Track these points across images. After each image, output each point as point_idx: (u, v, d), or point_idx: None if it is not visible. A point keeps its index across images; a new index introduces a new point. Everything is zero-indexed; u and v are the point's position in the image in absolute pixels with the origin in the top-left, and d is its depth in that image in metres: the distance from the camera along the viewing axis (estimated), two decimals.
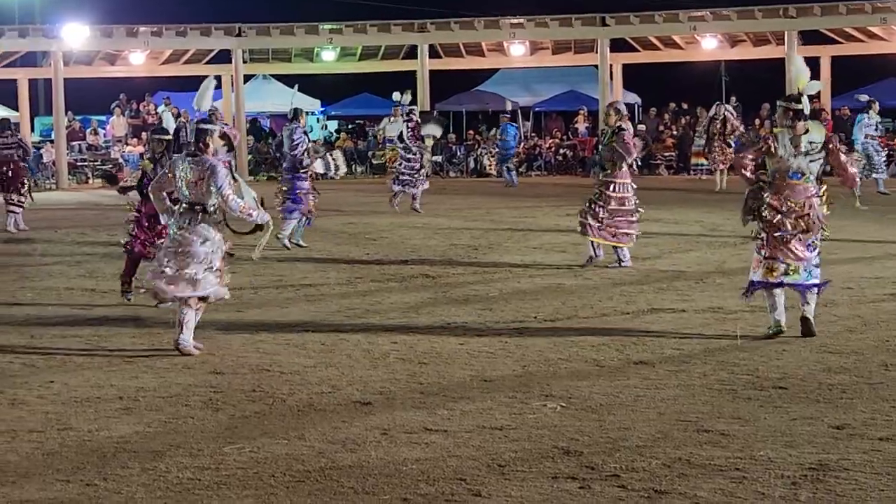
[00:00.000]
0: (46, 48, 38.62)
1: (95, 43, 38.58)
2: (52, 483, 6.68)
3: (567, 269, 14.81)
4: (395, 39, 39.43)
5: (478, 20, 38.43)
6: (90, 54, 40.26)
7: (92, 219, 24.49)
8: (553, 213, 23.19)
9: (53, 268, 16.40)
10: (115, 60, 41.17)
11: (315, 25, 38.98)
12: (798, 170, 10.49)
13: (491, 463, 6.91)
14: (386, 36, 39.09)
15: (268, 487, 6.54)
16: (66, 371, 9.75)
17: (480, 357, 9.98)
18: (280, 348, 10.55)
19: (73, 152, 38.70)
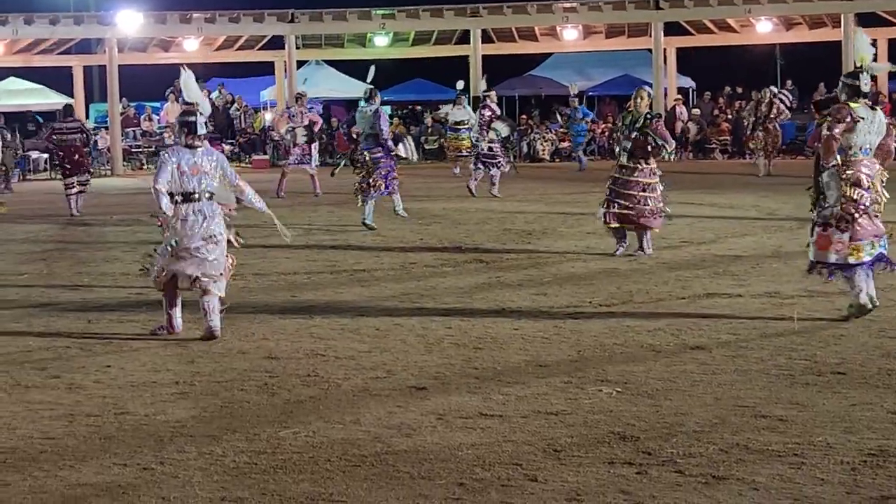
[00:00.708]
0: (101, 35, 38.86)
1: (149, 30, 38.76)
2: (110, 467, 6.71)
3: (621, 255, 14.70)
4: (448, 24, 39.36)
5: (531, 4, 38.28)
6: (144, 41, 40.46)
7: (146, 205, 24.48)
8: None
9: (109, 253, 16.50)
10: (169, 47, 41.35)
11: (368, 11, 38.98)
12: (870, 145, 10.42)
13: (547, 448, 6.88)
14: (439, 21, 39.03)
15: (324, 472, 6.54)
16: (122, 356, 9.80)
17: (535, 342, 9.94)
18: (335, 333, 10.55)
19: (128, 139, 38.95)
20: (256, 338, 10.39)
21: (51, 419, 7.80)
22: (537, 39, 41.42)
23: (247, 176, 30.98)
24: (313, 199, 24.56)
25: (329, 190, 25.62)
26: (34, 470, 6.67)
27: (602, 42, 41.22)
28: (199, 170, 10.51)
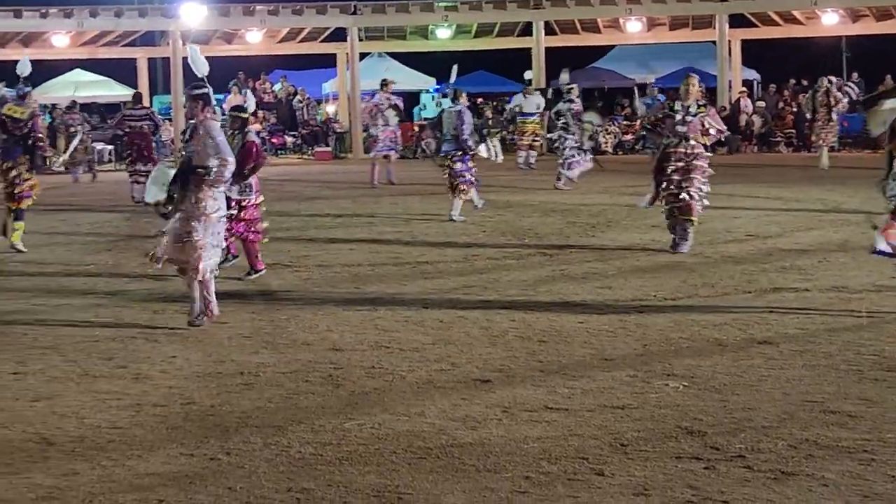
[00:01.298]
0: (165, 27, 39.10)
1: (213, 22, 38.94)
2: (177, 457, 6.74)
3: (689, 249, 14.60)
4: (511, 16, 39.27)
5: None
6: (207, 33, 40.64)
7: None
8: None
9: None
10: (232, 39, 41.54)
11: (430, 3, 38.95)
12: None
13: (613, 442, 6.85)
14: (501, 13, 38.95)
15: (389, 464, 6.53)
16: (187, 346, 9.85)
17: (600, 335, 9.89)
18: (399, 325, 10.55)
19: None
20: (321, 329, 10.40)
21: (118, 409, 7.85)
22: (600, 31, 41.23)
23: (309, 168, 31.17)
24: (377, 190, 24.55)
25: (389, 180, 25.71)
26: (102, 459, 6.71)
27: (666, 34, 40.96)
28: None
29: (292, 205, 22.02)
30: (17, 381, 8.72)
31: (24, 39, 39.28)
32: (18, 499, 6.10)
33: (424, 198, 22.17)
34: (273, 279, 13.34)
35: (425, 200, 21.54)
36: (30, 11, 36.79)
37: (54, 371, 9.01)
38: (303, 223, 19.00)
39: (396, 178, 25.94)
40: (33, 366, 9.20)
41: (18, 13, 36.54)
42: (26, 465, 6.65)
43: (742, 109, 36.93)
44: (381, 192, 24.27)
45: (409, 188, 24.78)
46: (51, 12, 37.05)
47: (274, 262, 14.43)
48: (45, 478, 6.42)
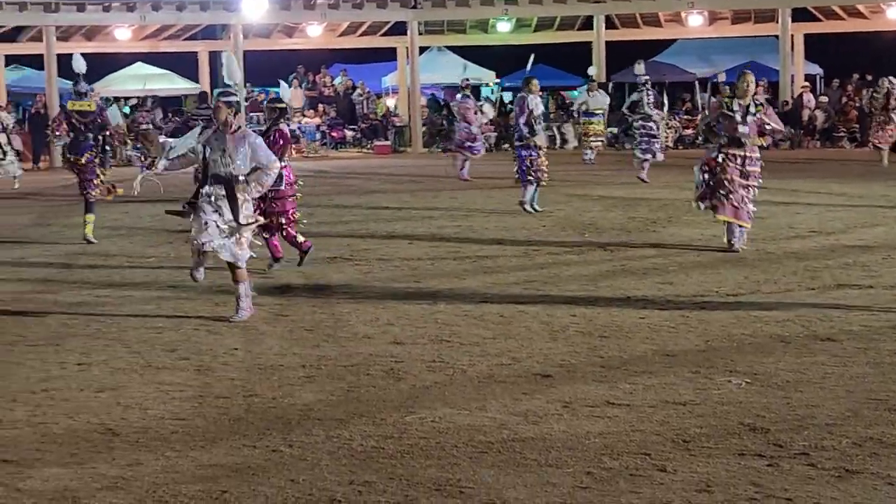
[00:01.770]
0: (226, 21, 39.32)
1: (274, 16, 39.11)
2: (239, 448, 6.78)
3: (749, 243, 14.45)
4: (571, 10, 39.21)
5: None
6: (269, 27, 40.87)
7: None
8: None
9: None
10: (293, 33, 41.73)
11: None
12: None
13: (675, 438, 6.81)
14: (562, 7, 38.89)
15: (450, 458, 6.54)
16: (249, 339, 9.90)
17: (662, 331, 9.84)
18: (459, 319, 10.55)
19: (252, 123, 39.31)
20: (381, 323, 10.42)
21: (181, 400, 7.90)
22: (661, 25, 41.08)
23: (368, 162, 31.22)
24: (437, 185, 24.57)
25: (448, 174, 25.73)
26: (166, 450, 6.76)
27: (727, 28, 40.75)
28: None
29: (352, 198, 22.10)
30: (81, 372, 8.80)
31: (88, 33, 39.67)
32: (84, 488, 6.16)
33: (484, 192, 22.18)
34: (334, 273, 13.39)
35: (485, 195, 21.55)
36: (93, 5, 37.10)
37: (118, 362, 9.09)
38: (363, 217, 19.06)
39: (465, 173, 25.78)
40: (97, 357, 9.28)
41: (82, 7, 36.86)
42: (91, 456, 6.71)
43: (805, 104, 36.66)
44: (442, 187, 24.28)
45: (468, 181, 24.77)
46: (114, 6, 37.36)
47: (334, 256, 14.50)
48: (109, 468, 6.48)
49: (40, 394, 8.17)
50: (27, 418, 7.54)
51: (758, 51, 42.22)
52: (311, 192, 23.08)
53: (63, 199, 23.66)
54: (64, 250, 15.91)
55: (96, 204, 16.65)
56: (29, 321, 10.85)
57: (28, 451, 6.83)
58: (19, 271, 14.06)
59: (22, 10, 36.44)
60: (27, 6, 36.34)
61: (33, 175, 32.81)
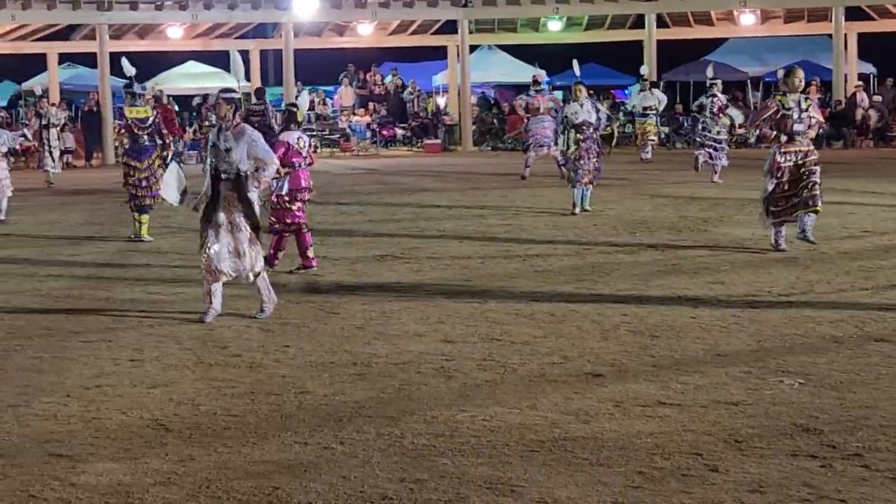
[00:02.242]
0: (277, 20, 39.46)
1: (325, 14, 39.19)
2: (291, 445, 6.81)
3: (801, 242, 14.34)
4: (623, 9, 39.08)
5: None
6: (319, 25, 40.96)
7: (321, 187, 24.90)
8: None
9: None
10: (344, 31, 41.81)
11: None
12: None
13: (727, 438, 6.78)
14: (613, 5, 38.78)
15: (502, 456, 6.54)
16: (300, 336, 9.93)
17: (713, 331, 9.80)
18: (509, 318, 10.54)
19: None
20: (432, 321, 10.44)
21: (233, 397, 7.95)
22: (713, 24, 40.88)
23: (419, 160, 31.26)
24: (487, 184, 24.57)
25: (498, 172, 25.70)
26: (218, 446, 6.80)
27: (780, 27, 40.49)
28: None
29: (402, 197, 22.13)
30: (134, 368, 8.87)
31: (140, 31, 39.92)
32: (137, 483, 6.20)
33: (535, 191, 22.15)
34: (384, 271, 13.42)
35: (535, 194, 21.52)
36: (146, 4, 37.33)
37: (171, 359, 9.15)
38: (413, 215, 19.09)
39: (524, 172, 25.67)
40: (150, 353, 9.35)
41: (135, 5, 37.09)
42: (144, 451, 6.76)
43: (858, 104, 36.37)
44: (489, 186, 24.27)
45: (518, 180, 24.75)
46: (166, 4, 37.56)
47: (385, 254, 14.53)
48: (162, 463, 6.52)
49: (94, 389, 8.24)
50: (81, 413, 7.60)
51: (811, 50, 41.90)
52: (362, 191, 23.17)
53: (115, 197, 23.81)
54: (116, 247, 16.04)
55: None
56: (82, 317, 10.94)
57: (82, 445, 6.89)
58: (72, 269, 14.17)
59: (75, 8, 36.72)
60: (80, 5, 36.61)
61: (86, 172, 33.07)
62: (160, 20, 38.62)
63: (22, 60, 42.37)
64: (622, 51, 42.23)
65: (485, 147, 39.22)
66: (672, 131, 38.14)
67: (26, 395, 8.09)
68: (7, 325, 10.68)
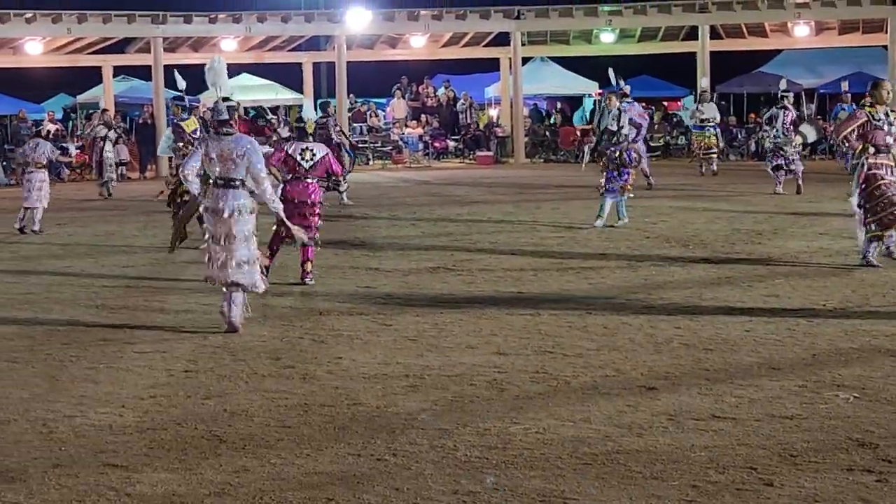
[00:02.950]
0: (330, 32, 39.62)
1: (377, 27, 39.34)
2: (344, 456, 6.82)
3: (857, 256, 14.22)
4: (676, 20, 38.99)
5: (761, 0, 37.62)
6: (372, 38, 41.10)
7: (373, 199, 25.01)
8: (840, 197, 22.42)
9: (338, 247, 16.68)
10: (396, 44, 41.93)
11: (594, 7, 38.84)
12: None
13: (782, 452, 6.74)
14: (666, 17, 38.70)
15: (555, 469, 6.53)
16: (353, 348, 9.95)
17: (767, 344, 9.74)
18: (562, 330, 10.53)
19: (355, 134, 39.61)
20: (484, 333, 10.43)
21: (286, 408, 7.97)
22: (767, 36, 40.69)
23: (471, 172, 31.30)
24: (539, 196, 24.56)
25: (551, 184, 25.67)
26: (272, 457, 6.82)
27: (835, 38, 40.24)
28: (225, 157, 10.77)
29: (455, 209, 22.15)
30: (189, 379, 8.92)
31: (194, 44, 40.20)
32: (191, 494, 6.24)
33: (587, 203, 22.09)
34: (437, 283, 13.43)
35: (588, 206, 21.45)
36: (200, 17, 37.60)
37: (224, 370, 9.19)
38: (466, 227, 19.10)
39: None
40: (204, 364, 9.40)
41: (189, 18, 37.37)
42: (198, 461, 6.79)
43: None
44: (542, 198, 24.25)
45: (571, 192, 24.73)
46: (220, 18, 37.83)
47: (437, 266, 14.54)
48: (216, 474, 6.56)
49: (148, 400, 8.29)
50: (136, 424, 7.66)
51: (866, 61, 41.59)
52: (414, 203, 23.21)
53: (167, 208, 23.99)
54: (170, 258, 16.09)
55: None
56: (137, 328, 11.01)
57: (137, 456, 6.93)
58: (127, 279, 14.27)
59: (130, 21, 37.04)
60: (135, 18, 36.93)
61: (139, 185, 33.29)
62: (214, 33, 38.88)
63: (77, 73, 42.78)
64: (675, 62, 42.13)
65: (537, 159, 39.21)
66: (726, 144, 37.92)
67: (82, 406, 8.15)
68: (63, 335, 10.77)
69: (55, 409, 8.09)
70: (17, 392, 8.62)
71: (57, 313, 12.01)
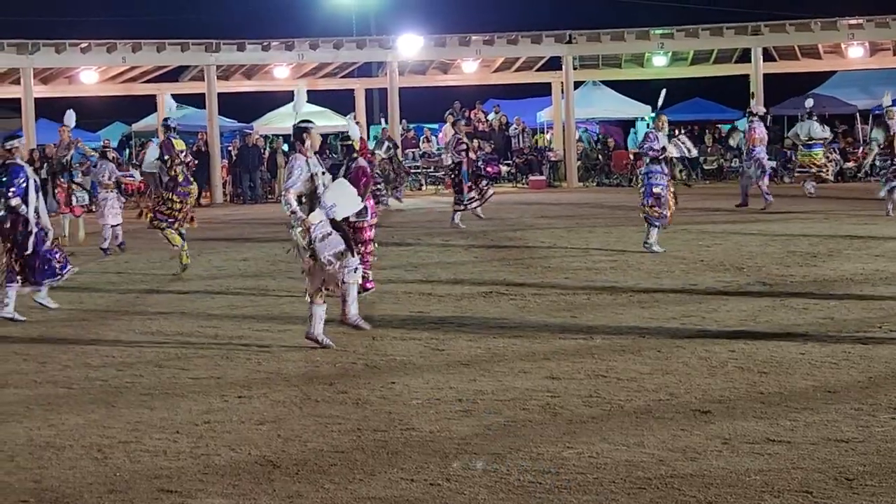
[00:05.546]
0: (382, 59, 39.80)
1: (429, 52, 39.47)
2: (397, 481, 6.82)
3: None
4: (728, 43, 38.87)
5: (814, 21, 37.45)
6: (424, 63, 41.22)
7: (426, 225, 25.05)
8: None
9: (391, 272, 16.69)
10: (448, 69, 42.01)
11: (646, 31, 38.78)
12: None
13: (838, 476, 6.68)
14: (718, 40, 38.59)
15: (608, 493, 6.50)
16: (406, 373, 9.96)
17: (823, 367, 9.66)
18: (615, 354, 10.49)
19: (407, 160, 39.70)
20: (537, 357, 10.41)
21: (339, 433, 7.99)
22: (821, 57, 40.47)
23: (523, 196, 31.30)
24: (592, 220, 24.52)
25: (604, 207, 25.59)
26: (326, 482, 6.84)
27: (889, 59, 39.95)
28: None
29: (507, 233, 22.15)
30: (242, 405, 8.95)
31: (247, 72, 40.46)
32: None
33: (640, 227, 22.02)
34: (489, 307, 13.42)
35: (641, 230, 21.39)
36: (253, 45, 37.87)
37: (278, 395, 9.23)
38: (519, 252, 19.09)
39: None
40: (258, 390, 9.44)
41: (242, 46, 37.65)
42: (252, 487, 6.82)
43: None
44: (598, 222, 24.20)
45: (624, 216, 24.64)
46: (273, 45, 38.06)
47: (490, 290, 14.53)
48: (270, 499, 6.58)
49: (203, 426, 8.33)
50: (190, 450, 7.69)
51: None
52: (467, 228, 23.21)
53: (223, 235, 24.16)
54: (224, 284, 16.21)
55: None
56: (191, 354, 11.08)
57: (191, 481, 6.96)
58: (181, 305, 14.35)
59: (184, 50, 37.36)
60: (189, 46, 37.25)
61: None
62: (267, 60, 39.12)
63: (132, 102, 43.17)
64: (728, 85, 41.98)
65: (590, 183, 39.15)
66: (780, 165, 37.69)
67: (137, 432, 8.20)
68: (118, 362, 10.85)
69: (110, 434, 8.15)
70: (73, 418, 8.69)
71: (112, 340, 12.09)
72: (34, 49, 35.59)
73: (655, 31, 38.84)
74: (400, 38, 38.88)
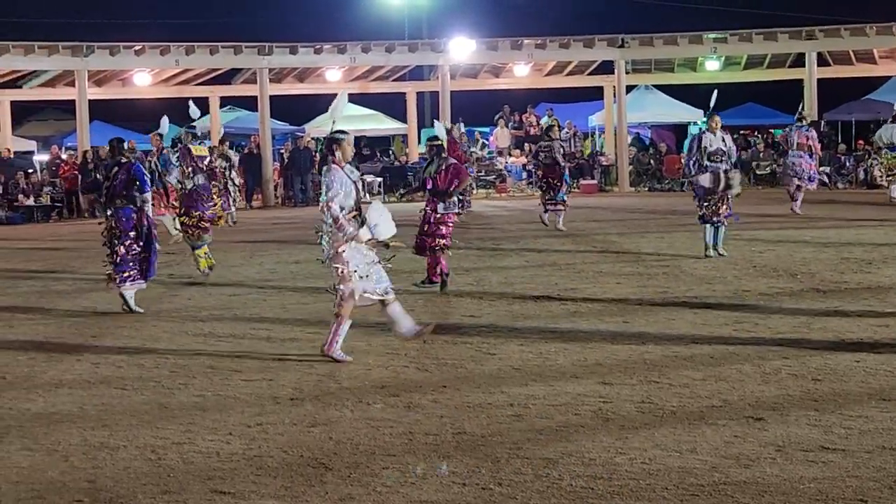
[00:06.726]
0: (434, 62, 39.88)
1: (481, 56, 39.52)
2: (449, 486, 6.82)
3: None
4: (782, 48, 38.68)
5: (869, 26, 37.21)
6: (476, 67, 41.27)
7: (477, 228, 25.05)
8: None
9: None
10: (500, 73, 42.06)
11: (699, 35, 38.67)
12: None
13: (893, 485, 6.62)
14: (772, 44, 38.40)
15: (661, 500, 6.47)
16: (457, 377, 9.95)
17: (878, 375, 9.58)
18: (667, 360, 10.44)
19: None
20: (589, 362, 10.38)
21: (391, 436, 8.00)
22: (875, 62, 40.20)
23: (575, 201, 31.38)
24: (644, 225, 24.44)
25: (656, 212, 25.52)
26: (377, 485, 6.85)
27: None
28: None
29: (559, 238, 22.11)
30: (294, 407, 8.98)
31: (299, 75, 40.66)
32: None
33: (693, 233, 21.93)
34: (541, 312, 13.40)
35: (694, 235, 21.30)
36: (305, 48, 38.05)
37: (329, 398, 9.25)
38: (570, 256, 19.04)
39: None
40: (310, 392, 9.47)
41: (294, 49, 37.83)
42: (304, 489, 6.83)
43: None
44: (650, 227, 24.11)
45: (676, 220, 24.56)
46: (325, 48, 38.24)
47: (541, 295, 14.51)
48: (322, 502, 6.59)
49: (255, 427, 8.36)
50: (243, 451, 7.72)
51: None
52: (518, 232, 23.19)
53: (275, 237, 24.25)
54: (276, 286, 16.28)
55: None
56: (243, 356, 11.13)
57: (244, 483, 6.99)
58: (234, 308, 14.42)
59: (237, 53, 37.59)
60: (242, 49, 37.48)
61: (245, 213, 33.66)
62: (319, 63, 39.30)
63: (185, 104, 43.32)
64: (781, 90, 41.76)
65: (641, 188, 39.05)
66: (833, 171, 37.47)
67: (190, 433, 8.25)
68: (171, 363, 10.91)
69: (164, 435, 8.20)
70: (127, 419, 8.74)
71: (165, 342, 12.17)
72: (88, 51, 35.92)
73: (709, 36, 38.73)
74: (452, 41, 38.96)
